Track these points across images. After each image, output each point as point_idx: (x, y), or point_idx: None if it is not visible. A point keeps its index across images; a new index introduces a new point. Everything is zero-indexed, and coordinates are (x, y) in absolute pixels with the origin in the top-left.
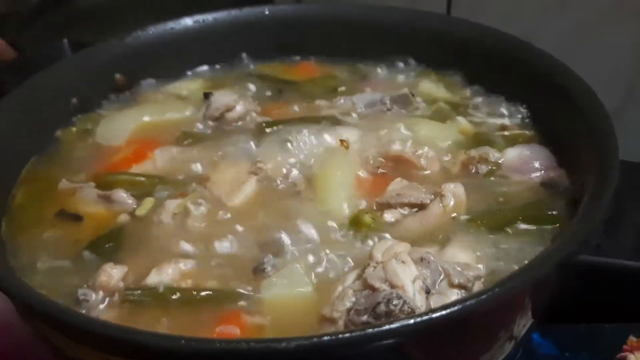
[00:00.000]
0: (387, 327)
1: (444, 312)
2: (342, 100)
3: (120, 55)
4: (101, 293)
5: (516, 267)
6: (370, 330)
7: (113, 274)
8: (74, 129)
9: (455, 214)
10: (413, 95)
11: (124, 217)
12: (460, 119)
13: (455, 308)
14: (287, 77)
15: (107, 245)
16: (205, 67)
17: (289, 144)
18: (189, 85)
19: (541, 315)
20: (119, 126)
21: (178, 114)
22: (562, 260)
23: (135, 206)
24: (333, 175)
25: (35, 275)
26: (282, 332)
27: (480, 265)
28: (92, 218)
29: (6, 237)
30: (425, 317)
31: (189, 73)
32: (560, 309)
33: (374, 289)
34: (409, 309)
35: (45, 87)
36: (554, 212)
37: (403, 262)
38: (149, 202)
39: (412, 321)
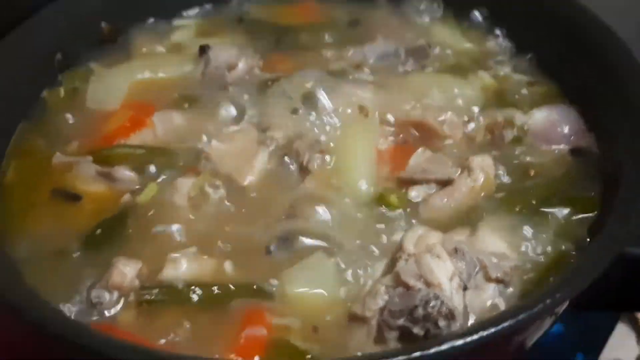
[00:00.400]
0: (434, 349)
1: (493, 330)
2: (351, 52)
3: (105, 1)
4: (116, 293)
5: (551, 249)
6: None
7: (127, 272)
8: (62, 89)
9: (484, 193)
10: (430, 46)
11: (127, 198)
12: (483, 73)
13: (507, 324)
14: (285, 22)
15: (112, 232)
16: (196, 10)
17: (299, 109)
18: (181, 34)
19: (580, 304)
20: (110, 88)
21: (174, 71)
22: (609, 264)
23: (138, 186)
24: (352, 148)
25: (36, 269)
26: (309, 330)
27: (515, 254)
28: (91, 198)
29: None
30: (475, 337)
31: (179, 16)
32: (600, 298)
33: (408, 287)
34: (447, 310)
35: (26, 43)
36: (592, 194)
37: (438, 256)
38: (152, 188)
39: (461, 342)
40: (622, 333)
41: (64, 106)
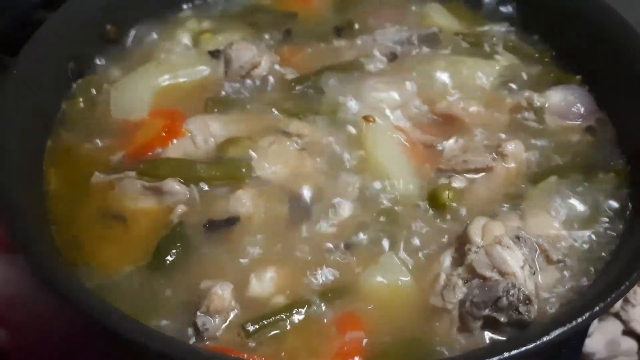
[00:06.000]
0: (545, 338)
1: (586, 316)
2: (362, 40)
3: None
4: (217, 318)
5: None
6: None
7: (225, 296)
8: (80, 99)
9: (518, 176)
10: (440, 31)
11: (182, 209)
12: (496, 55)
13: (597, 309)
14: (284, 10)
15: (180, 248)
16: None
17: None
18: (188, 29)
19: None
20: (134, 96)
21: (194, 73)
22: None
23: (188, 195)
24: (380, 158)
25: (121, 297)
26: (398, 326)
27: (566, 233)
28: (143, 214)
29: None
30: (574, 323)
31: (180, 11)
32: None
33: (484, 278)
34: (524, 296)
35: (41, 54)
36: (619, 167)
37: (508, 247)
38: None
39: (565, 328)
40: None
41: (88, 117)
